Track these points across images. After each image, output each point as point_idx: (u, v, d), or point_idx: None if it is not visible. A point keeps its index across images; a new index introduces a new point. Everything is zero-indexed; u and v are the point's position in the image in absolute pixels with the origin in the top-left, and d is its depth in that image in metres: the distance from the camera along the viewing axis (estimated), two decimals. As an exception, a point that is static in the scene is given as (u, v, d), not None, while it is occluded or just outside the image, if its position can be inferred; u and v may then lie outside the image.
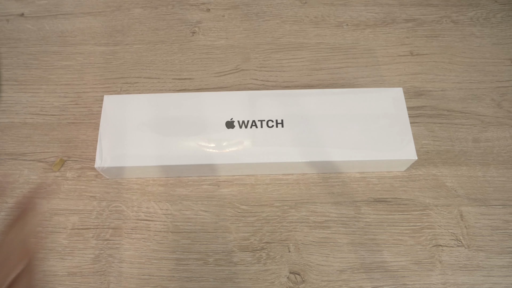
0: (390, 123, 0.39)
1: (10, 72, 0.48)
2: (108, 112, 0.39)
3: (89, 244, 0.38)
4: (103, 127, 0.39)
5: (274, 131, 0.38)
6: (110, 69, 0.48)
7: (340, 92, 0.41)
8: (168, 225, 0.39)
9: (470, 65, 0.48)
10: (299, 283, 0.37)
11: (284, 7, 0.52)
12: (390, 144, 0.38)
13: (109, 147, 0.38)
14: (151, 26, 0.51)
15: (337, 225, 0.39)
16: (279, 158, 0.38)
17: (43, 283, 0.26)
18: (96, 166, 0.37)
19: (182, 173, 0.41)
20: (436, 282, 0.37)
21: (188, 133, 0.38)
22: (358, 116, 0.39)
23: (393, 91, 0.40)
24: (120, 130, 0.38)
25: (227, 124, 0.39)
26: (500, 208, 0.40)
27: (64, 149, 0.43)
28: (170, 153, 0.38)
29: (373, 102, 0.40)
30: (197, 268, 0.37)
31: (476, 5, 0.52)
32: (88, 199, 0.40)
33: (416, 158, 0.38)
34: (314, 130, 0.38)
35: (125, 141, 0.38)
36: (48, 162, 0.42)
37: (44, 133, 0.44)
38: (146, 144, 0.38)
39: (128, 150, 0.38)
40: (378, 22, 0.51)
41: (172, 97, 0.40)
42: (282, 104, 0.40)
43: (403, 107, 0.40)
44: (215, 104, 0.40)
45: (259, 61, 0.48)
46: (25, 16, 0.52)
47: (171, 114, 0.39)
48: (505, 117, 0.44)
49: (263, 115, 0.39)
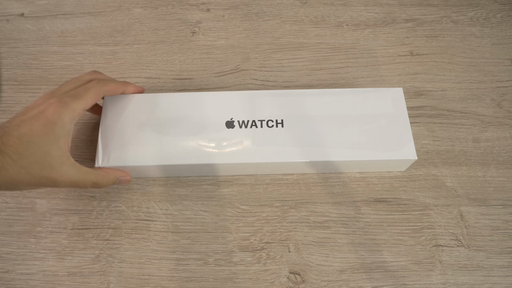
0: (390, 123, 0.39)
1: (10, 72, 0.48)
2: (108, 112, 0.39)
3: (89, 244, 0.38)
4: (103, 127, 0.39)
5: (274, 131, 0.38)
6: (110, 69, 0.48)
7: (340, 92, 0.41)
8: (168, 225, 0.39)
9: (470, 65, 0.48)
10: (299, 283, 0.37)
11: (284, 7, 0.52)
12: (390, 144, 0.38)
13: (109, 147, 0.38)
14: (151, 26, 0.51)
15: (337, 225, 0.39)
16: (279, 158, 0.38)
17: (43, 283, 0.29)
18: (96, 166, 0.37)
19: (182, 173, 0.41)
20: (436, 282, 0.37)
21: (188, 133, 0.38)
22: (358, 116, 0.39)
23: (393, 91, 0.40)
24: (120, 130, 0.38)
25: (227, 124, 0.39)
26: (500, 208, 0.40)
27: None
28: (170, 153, 0.38)
29: (373, 102, 0.40)
30: (197, 268, 0.37)
31: (476, 5, 0.52)
32: (88, 199, 0.40)
33: (416, 158, 0.38)
34: (314, 130, 0.38)
35: (125, 141, 0.38)
36: (48, 162, 0.42)
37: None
38: (146, 144, 0.38)
39: (128, 150, 0.38)
40: (378, 22, 0.51)
41: (172, 97, 0.40)
42: (282, 104, 0.40)
43: (403, 107, 0.40)
44: (215, 104, 0.40)
45: (259, 61, 0.48)
46: (25, 16, 0.52)
47: (170, 113, 0.39)
48: (505, 117, 0.44)
49: (263, 115, 0.39)
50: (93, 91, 0.34)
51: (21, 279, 0.37)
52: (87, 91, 0.34)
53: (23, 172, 0.29)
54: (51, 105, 0.31)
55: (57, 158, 0.31)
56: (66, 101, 0.32)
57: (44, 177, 0.30)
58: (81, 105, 0.33)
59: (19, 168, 0.29)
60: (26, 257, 0.38)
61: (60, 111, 0.31)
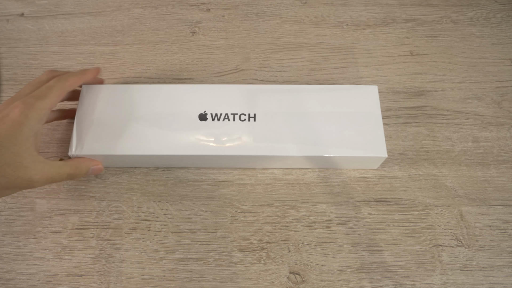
0: (363, 120, 0.39)
1: (10, 72, 0.48)
2: (85, 101, 0.40)
3: (89, 244, 0.38)
4: (79, 115, 0.39)
5: (246, 124, 0.39)
6: (110, 69, 0.48)
7: (315, 89, 0.41)
8: (168, 225, 0.39)
9: (470, 65, 0.48)
10: (299, 283, 0.37)
11: (284, 7, 0.52)
12: (362, 141, 0.38)
13: (83, 136, 0.38)
14: (151, 26, 0.51)
15: (337, 225, 0.39)
16: (246, 151, 0.38)
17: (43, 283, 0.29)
18: (69, 154, 0.37)
19: (155, 164, 0.41)
20: (436, 282, 0.37)
21: (161, 124, 0.39)
22: (331, 112, 0.39)
23: (368, 89, 0.41)
24: (95, 119, 0.39)
25: (200, 116, 0.39)
26: (500, 208, 0.40)
27: (64, 149, 0.43)
28: (142, 143, 0.38)
29: (348, 99, 0.40)
30: (197, 268, 0.37)
31: (476, 5, 0.52)
32: (88, 199, 0.40)
33: (386, 156, 0.38)
34: (284, 125, 0.39)
35: (99, 130, 0.38)
36: (48, 162, 0.42)
37: (44, 133, 0.44)
38: (119, 134, 0.38)
39: (102, 139, 0.38)
40: (378, 22, 0.51)
41: (148, 88, 0.41)
42: (256, 99, 0.40)
43: (377, 105, 0.40)
44: (189, 96, 0.40)
45: (259, 61, 0.48)
46: (25, 16, 0.52)
47: (145, 105, 0.40)
48: (505, 117, 0.44)
49: (236, 108, 0.39)
50: (57, 89, 0.34)
51: (21, 279, 0.37)
52: (50, 90, 0.34)
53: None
54: (16, 107, 0.31)
55: (28, 157, 0.31)
56: (30, 102, 0.32)
57: (19, 177, 0.30)
58: (46, 104, 0.33)
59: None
60: (26, 257, 0.38)
61: (26, 112, 0.31)
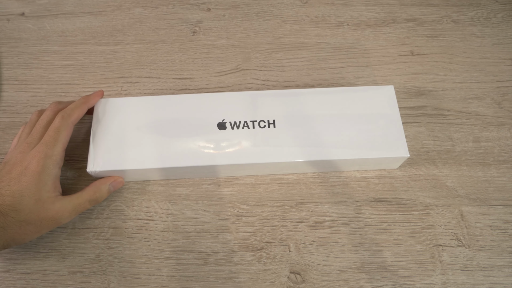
0: (382, 121, 0.39)
1: (11, 72, 0.48)
2: (100, 116, 0.39)
3: (89, 243, 0.38)
4: (95, 130, 0.39)
5: (266, 131, 0.38)
6: (111, 69, 0.48)
7: (330, 91, 0.41)
8: (169, 225, 0.39)
9: (471, 65, 0.48)
10: (299, 283, 0.37)
11: (284, 6, 0.52)
12: (382, 142, 0.38)
13: (100, 151, 0.38)
14: (151, 26, 0.51)
15: (338, 225, 0.39)
16: (274, 158, 0.38)
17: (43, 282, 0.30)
18: (88, 170, 0.37)
19: (179, 176, 0.41)
20: (437, 282, 0.37)
21: (182, 135, 0.38)
22: (349, 114, 0.39)
23: (384, 89, 0.40)
24: (111, 134, 0.38)
25: (219, 125, 0.39)
26: (501, 208, 0.40)
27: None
28: (160, 156, 0.38)
29: (365, 100, 0.40)
30: (197, 268, 0.37)
31: (477, 5, 0.52)
32: (89, 199, 0.40)
33: (408, 156, 0.38)
34: (303, 130, 0.39)
35: (116, 144, 0.38)
36: (49, 161, 0.42)
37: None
38: (137, 147, 0.38)
39: (120, 154, 0.38)
40: (378, 22, 0.51)
41: (162, 99, 0.40)
42: (273, 104, 0.40)
43: (395, 105, 0.40)
44: (206, 106, 0.40)
45: (260, 61, 0.48)
46: (25, 15, 0.52)
47: (161, 116, 0.39)
48: (506, 117, 0.44)
49: (255, 115, 0.39)
50: (63, 129, 0.36)
51: (21, 278, 0.37)
52: (58, 133, 0.36)
53: (25, 225, 0.32)
54: (33, 158, 0.34)
55: (48, 199, 0.34)
56: (44, 150, 0.34)
57: (44, 219, 0.33)
58: (59, 148, 0.35)
59: (20, 222, 0.32)
60: (27, 257, 0.38)
61: (42, 162, 0.34)
